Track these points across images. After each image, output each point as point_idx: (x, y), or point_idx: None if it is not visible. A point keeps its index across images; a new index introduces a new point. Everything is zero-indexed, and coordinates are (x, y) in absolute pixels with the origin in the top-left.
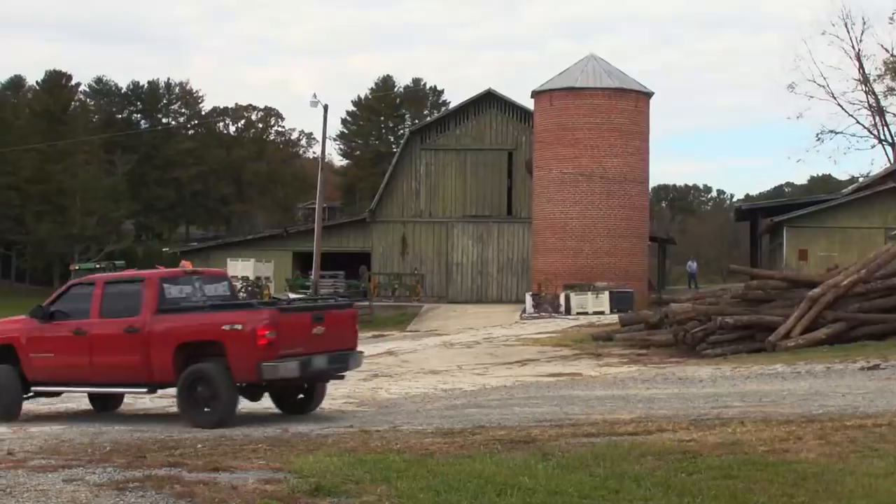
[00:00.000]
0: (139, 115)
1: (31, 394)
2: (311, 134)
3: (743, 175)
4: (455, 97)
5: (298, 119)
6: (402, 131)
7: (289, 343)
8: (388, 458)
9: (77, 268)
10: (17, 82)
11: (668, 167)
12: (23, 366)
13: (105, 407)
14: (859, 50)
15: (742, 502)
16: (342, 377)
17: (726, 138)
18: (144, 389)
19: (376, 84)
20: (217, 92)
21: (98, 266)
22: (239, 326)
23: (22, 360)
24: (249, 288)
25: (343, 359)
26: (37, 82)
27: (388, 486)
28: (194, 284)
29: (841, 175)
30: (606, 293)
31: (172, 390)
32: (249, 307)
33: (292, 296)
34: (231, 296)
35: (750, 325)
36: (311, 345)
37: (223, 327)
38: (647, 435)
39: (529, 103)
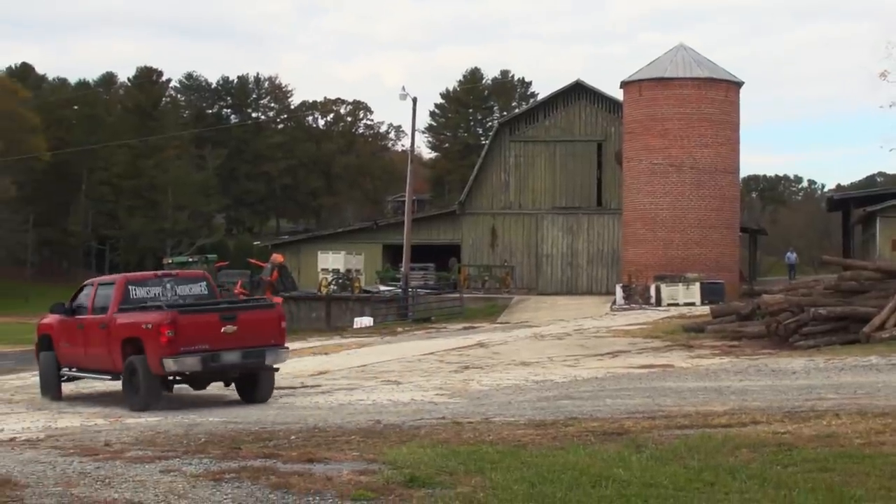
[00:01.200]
0: (229, 110)
1: (64, 377)
2: (399, 127)
3: (834, 165)
4: (543, 89)
5: (387, 112)
6: (490, 123)
7: (191, 340)
8: (481, 449)
9: (170, 261)
10: (108, 79)
11: (758, 157)
12: (57, 353)
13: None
14: None
15: (839, 495)
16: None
17: (817, 128)
18: (109, 377)
19: (464, 76)
20: (306, 86)
21: (191, 260)
22: (150, 326)
23: (56, 348)
24: (340, 280)
25: (259, 354)
26: (128, 79)
27: (482, 478)
28: (165, 286)
29: None
30: (697, 284)
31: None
32: (159, 309)
33: (382, 288)
34: (208, 295)
35: (843, 317)
36: (220, 342)
37: (143, 326)
38: (741, 427)
39: (618, 94)
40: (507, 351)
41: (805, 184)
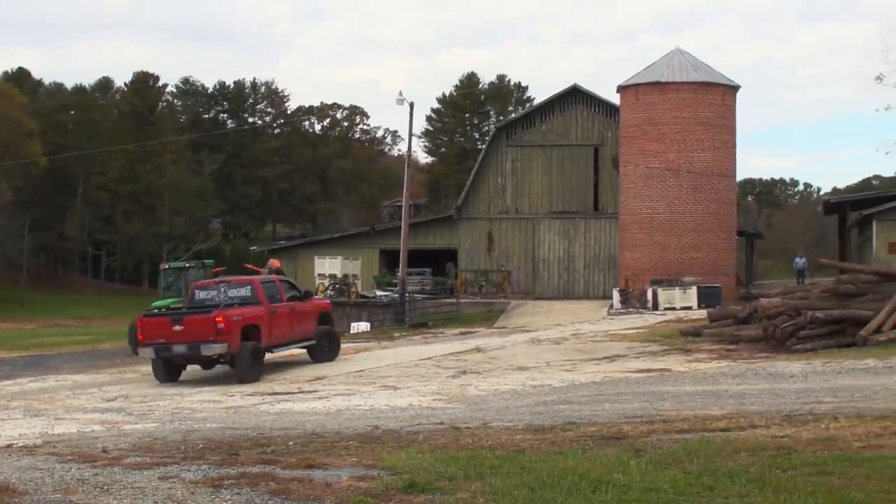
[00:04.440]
0: (225, 115)
1: None
2: (396, 132)
3: (830, 168)
4: (540, 94)
5: (384, 117)
6: (486, 128)
7: (152, 336)
8: (480, 454)
9: (167, 267)
10: (105, 84)
11: (754, 161)
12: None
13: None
14: None
15: (839, 499)
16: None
17: (814, 131)
18: None
19: (461, 81)
20: (304, 91)
21: (188, 265)
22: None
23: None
24: (337, 285)
25: (196, 347)
26: (125, 84)
27: (482, 483)
28: (220, 289)
29: None
30: (694, 288)
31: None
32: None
33: (379, 293)
34: (251, 297)
35: (840, 320)
36: (172, 337)
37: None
38: (739, 431)
39: (615, 99)
40: (505, 356)
41: (801, 187)
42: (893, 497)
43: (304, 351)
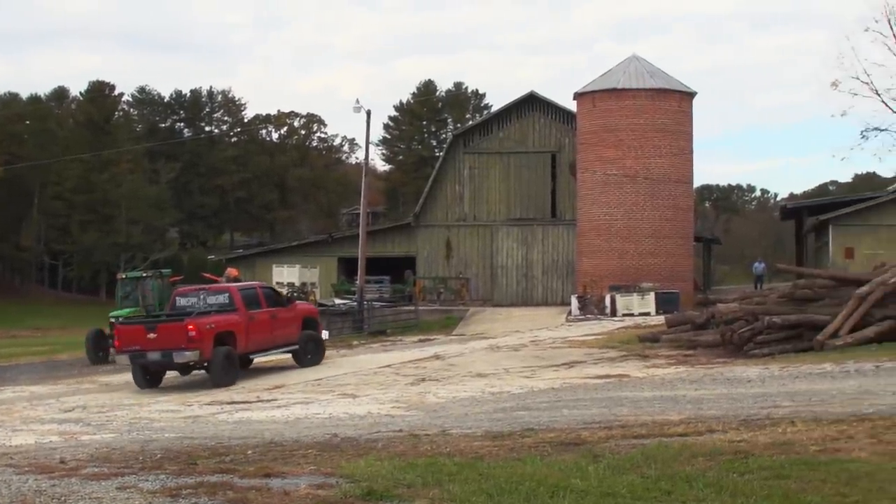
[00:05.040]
0: (182, 124)
1: None
2: (353, 140)
3: (787, 174)
4: (499, 101)
5: (342, 125)
6: (444, 135)
7: (127, 343)
8: (438, 461)
9: (124, 276)
10: (60, 93)
11: (712, 167)
12: None
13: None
14: None
15: (795, 502)
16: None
17: (770, 137)
18: None
19: (418, 89)
20: (262, 99)
21: (145, 275)
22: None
23: None
24: (295, 294)
25: (169, 355)
26: (80, 93)
27: (440, 490)
28: (200, 296)
29: (886, 172)
30: (652, 294)
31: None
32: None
33: (338, 301)
34: (229, 304)
35: (797, 325)
36: (147, 344)
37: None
38: (697, 436)
39: (572, 105)
40: (464, 363)
41: (758, 193)
42: (849, 500)
43: (290, 356)
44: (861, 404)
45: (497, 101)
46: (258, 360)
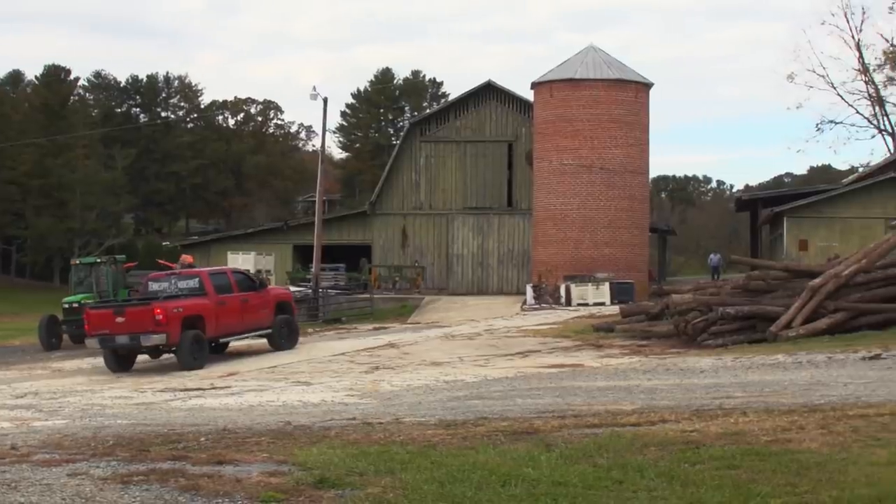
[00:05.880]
0: (138, 109)
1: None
2: (310, 127)
3: (743, 166)
4: (457, 89)
5: (299, 112)
6: (401, 124)
7: (98, 327)
8: (391, 450)
9: (78, 262)
10: (15, 77)
11: (668, 158)
12: None
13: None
14: (859, 40)
15: (745, 492)
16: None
17: (727, 129)
18: None
19: (376, 77)
20: (220, 86)
21: (99, 261)
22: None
23: None
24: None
25: (137, 338)
26: (35, 77)
27: (392, 478)
28: (171, 281)
29: (841, 165)
30: (607, 284)
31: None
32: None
33: (293, 288)
34: (199, 288)
35: (751, 316)
36: (115, 328)
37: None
38: (649, 426)
39: (529, 95)
40: (418, 351)
41: (714, 184)
42: (799, 490)
43: (266, 341)
44: (812, 395)
45: (455, 89)
46: (234, 344)
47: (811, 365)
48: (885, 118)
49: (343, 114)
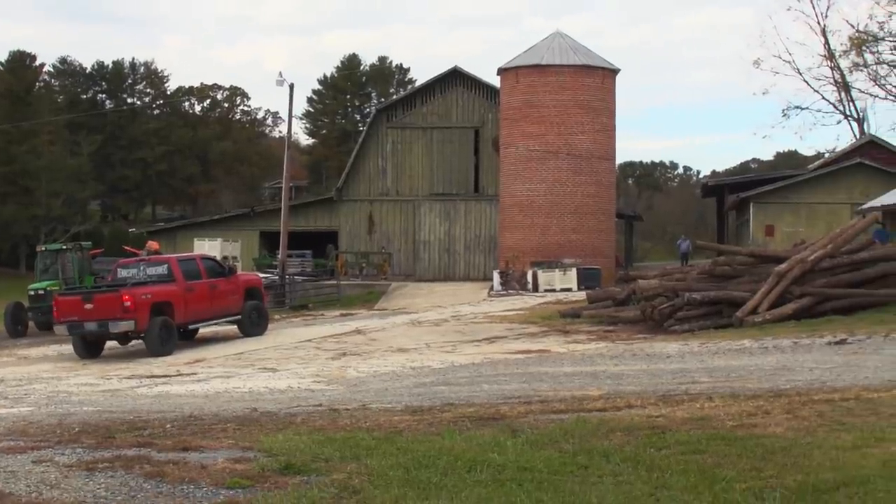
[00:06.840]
0: (104, 96)
1: None
2: (276, 113)
3: (709, 151)
4: (423, 75)
5: (265, 98)
6: (368, 110)
7: (66, 314)
8: (357, 436)
9: (44, 249)
10: None
11: (635, 144)
12: None
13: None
14: (825, 26)
15: (710, 477)
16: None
17: (693, 115)
18: None
19: (342, 63)
20: (186, 71)
21: (65, 248)
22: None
23: None
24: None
25: (105, 325)
26: (0, 63)
27: (357, 464)
28: (140, 268)
29: (807, 151)
30: (574, 270)
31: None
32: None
33: (260, 275)
34: (168, 275)
35: (717, 301)
36: (84, 315)
37: None
38: (615, 411)
39: (496, 81)
40: (385, 337)
41: (681, 170)
42: (764, 474)
43: (236, 326)
44: (778, 380)
45: (421, 75)
46: (203, 330)
47: (777, 350)
48: (851, 104)
49: (309, 100)
